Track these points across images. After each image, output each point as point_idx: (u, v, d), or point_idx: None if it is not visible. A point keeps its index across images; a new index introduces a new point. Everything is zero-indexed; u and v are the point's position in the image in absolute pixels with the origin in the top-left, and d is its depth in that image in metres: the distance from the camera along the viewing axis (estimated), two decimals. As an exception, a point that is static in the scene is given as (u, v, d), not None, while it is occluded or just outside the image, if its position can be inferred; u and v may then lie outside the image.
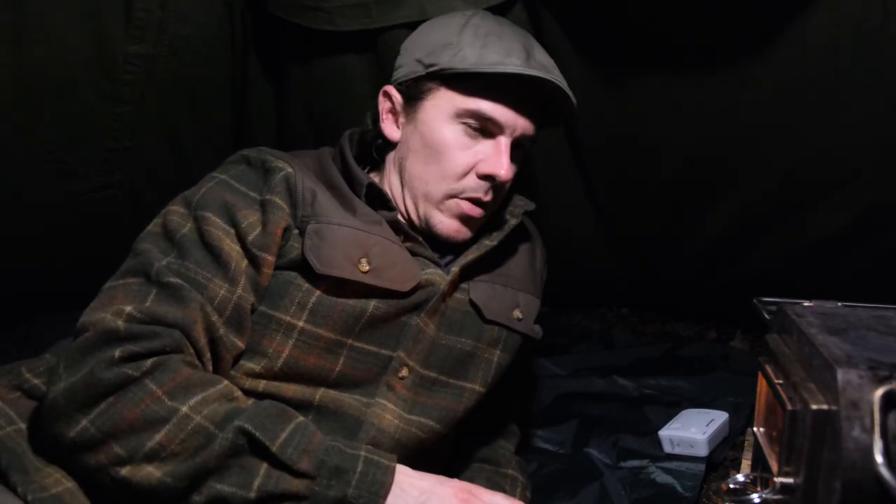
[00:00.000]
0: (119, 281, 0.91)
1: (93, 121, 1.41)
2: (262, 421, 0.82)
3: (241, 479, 0.78)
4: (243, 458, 0.80)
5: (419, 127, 1.06)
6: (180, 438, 0.79)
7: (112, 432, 0.79)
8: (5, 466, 0.83)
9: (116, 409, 0.79)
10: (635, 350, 1.77)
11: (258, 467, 0.79)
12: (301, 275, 0.97)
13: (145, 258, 0.91)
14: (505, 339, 1.12)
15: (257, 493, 0.78)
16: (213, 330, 0.90)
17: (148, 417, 0.79)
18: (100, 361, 0.81)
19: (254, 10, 1.43)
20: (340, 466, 0.81)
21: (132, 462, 0.78)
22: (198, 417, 0.80)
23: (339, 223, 0.99)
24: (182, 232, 0.94)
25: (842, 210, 1.36)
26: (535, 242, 1.26)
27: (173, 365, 0.83)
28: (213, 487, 0.78)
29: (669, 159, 1.45)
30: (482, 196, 1.06)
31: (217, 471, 0.79)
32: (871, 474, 0.57)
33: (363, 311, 0.97)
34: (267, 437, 0.80)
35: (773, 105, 1.28)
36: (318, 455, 0.81)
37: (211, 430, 0.80)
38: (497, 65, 0.99)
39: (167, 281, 0.88)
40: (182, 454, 0.79)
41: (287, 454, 0.80)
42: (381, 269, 0.99)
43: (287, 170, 0.99)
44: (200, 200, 0.97)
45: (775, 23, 1.17)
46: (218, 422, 0.80)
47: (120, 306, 0.86)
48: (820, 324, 0.73)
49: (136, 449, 0.78)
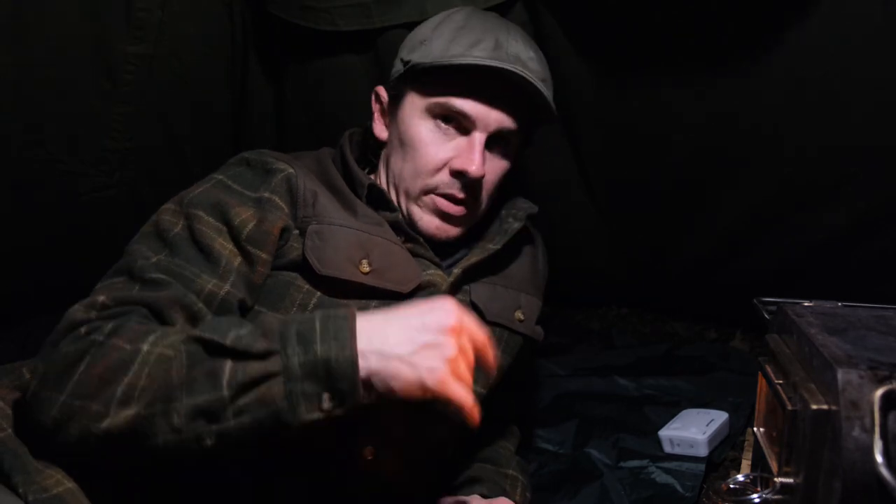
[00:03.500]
0: (105, 281, 0.91)
1: (93, 121, 1.41)
2: (213, 325, 0.80)
3: (210, 384, 0.76)
4: (204, 363, 0.77)
5: (399, 125, 1.07)
6: (146, 373, 0.77)
7: (86, 393, 0.77)
8: (7, 468, 0.83)
9: (87, 372, 0.78)
10: (635, 350, 1.77)
11: (222, 366, 0.76)
12: (301, 276, 0.96)
13: (132, 257, 0.91)
14: (506, 340, 1.12)
15: (229, 390, 0.75)
16: (197, 319, 0.89)
17: (114, 366, 0.78)
18: (67, 342, 0.81)
19: (254, 10, 1.43)
20: (299, 331, 0.77)
21: (109, 413, 0.76)
22: (158, 349, 0.78)
23: (341, 224, 0.99)
24: (174, 231, 0.94)
25: (841, 210, 1.36)
26: (537, 244, 1.25)
27: (133, 322, 0.82)
28: (187, 403, 0.76)
29: (669, 159, 1.45)
30: (456, 192, 1.05)
31: (184, 385, 0.76)
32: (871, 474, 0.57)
33: (365, 309, 0.97)
34: (218, 334, 0.78)
35: (773, 106, 1.28)
36: (275, 331, 0.78)
37: (170, 354, 0.78)
38: (458, 57, 0.99)
39: (150, 277, 0.88)
40: (150, 385, 0.77)
41: (243, 343, 0.77)
42: (382, 271, 0.99)
43: (288, 170, 0.99)
44: (193, 200, 0.96)
45: (775, 23, 1.17)
46: (176, 345, 0.79)
47: (95, 299, 0.86)
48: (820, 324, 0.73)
49: (109, 399, 0.76)
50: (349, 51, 1.41)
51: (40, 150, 1.41)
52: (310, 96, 1.53)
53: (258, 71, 1.53)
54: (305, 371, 0.75)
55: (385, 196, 1.05)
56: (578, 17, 1.29)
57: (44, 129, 1.39)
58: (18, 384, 0.97)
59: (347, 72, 1.44)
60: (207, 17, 1.39)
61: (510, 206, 1.16)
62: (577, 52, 1.33)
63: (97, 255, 1.62)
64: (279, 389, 0.75)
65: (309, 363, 0.75)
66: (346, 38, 1.37)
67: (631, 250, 1.72)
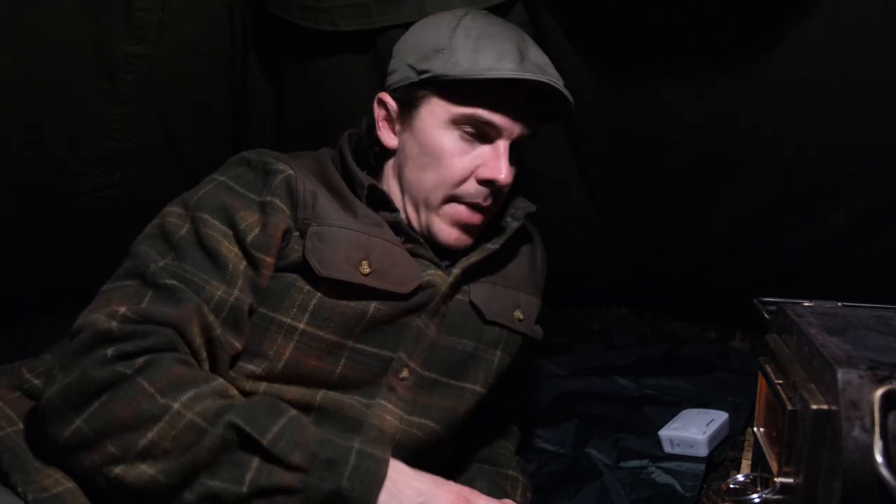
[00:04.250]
0: (115, 283, 0.90)
1: (93, 121, 1.41)
2: (254, 415, 0.80)
3: (233, 475, 0.77)
4: (234, 453, 0.78)
5: (416, 134, 1.05)
6: (172, 435, 0.78)
7: (105, 431, 0.78)
8: (6, 467, 0.83)
9: (109, 407, 0.79)
10: (635, 350, 1.77)
11: (250, 462, 0.78)
12: (302, 277, 0.96)
13: (141, 260, 0.91)
14: (506, 339, 1.12)
15: (249, 488, 0.77)
16: (209, 330, 0.90)
17: (140, 415, 0.78)
18: (93, 361, 0.80)
19: (254, 10, 1.43)
20: (333, 459, 0.79)
21: (125, 461, 0.78)
22: (189, 414, 0.79)
23: (340, 225, 0.99)
24: (180, 234, 0.94)
25: (842, 210, 1.36)
26: (536, 243, 1.25)
27: (166, 362, 0.83)
28: (206, 484, 0.77)
29: (669, 159, 1.45)
30: (481, 201, 1.05)
31: (209, 467, 0.78)
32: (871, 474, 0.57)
33: (364, 312, 0.97)
34: (257, 430, 0.78)
35: (773, 106, 1.28)
36: (311, 448, 0.79)
37: (203, 427, 0.78)
38: (491, 70, 0.98)
39: (163, 283, 0.88)
40: (174, 451, 0.78)
41: (278, 448, 0.78)
42: (382, 272, 0.99)
43: (288, 171, 0.99)
44: (198, 202, 0.96)
45: (775, 23, 1.17)
46: (210, 418, 0.79)
47: (114, 308, 0.85)
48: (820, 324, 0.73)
49: (129, 447, 0.78)
50: (349, 51, 1.41)
51: (40, 150, 1.41)
52: (310, 96, 1.53)
53: (258, 71, 1.53)
54: (325, 499, 0.77)
55: (385, 196, 1.05)
56: (578, 17, 1.29)
57: (44, 129, 1.39)
58: (18, 384, 0.97)
59: (347, 72, 1.44)
60: (207, 17, 1.39)
61: (509, 206, 1.16)
62: (577, 52, 1.33)
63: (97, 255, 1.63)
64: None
65: (331, 493, 0.77)
66: (346, 38, 1.37)
67: (631, 250, 1.72)
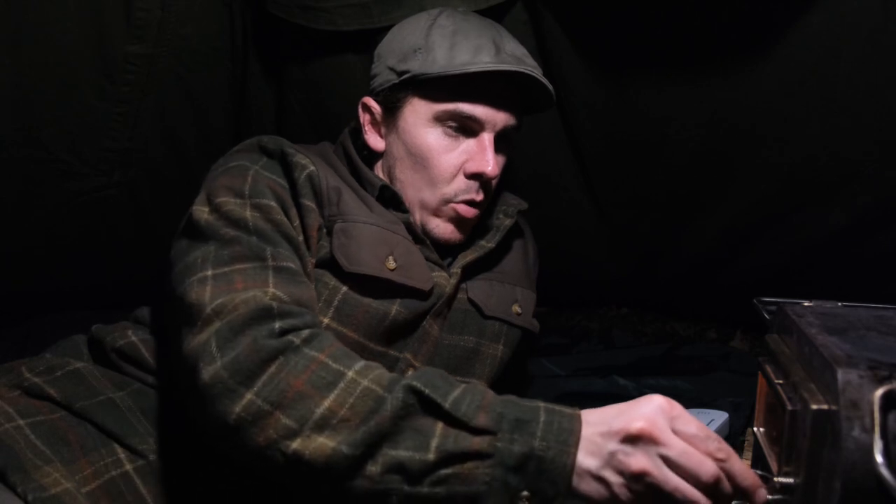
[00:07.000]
0: (227, 268, 0.86)
1: (93, 121, 1.41)
2: (432, 380, 0.75)
3: (417, 442, 0.71)
4: (416, 419, 0.72)
5: (401, 135, 1.06)
6: (350, 403, 0.73)
7: (279, 402, 0.74)
8: (3, 465, 0.83)
9: (281, 377, 0.75)
10: (635, 350, 1.77)
11: (433, 427, 0.72)
12: (329, 272, 0.97)
13: (248, 244, 0.88)
14: (506, 333, 1.14)
15: (436, 455, 0.70)
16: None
17: (315, 382, 0.75)
18: (261, 332, 0.78)
19: (254, 10, 1.43)
20: (521, 418, 0.71)
21: (302, 433, 0.73)
22: (365, 381, 0.75)
23: (364, 221, 0.99)
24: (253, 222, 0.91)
25: (842, 210, 1.36)
26: (527, 238, 1.27)
27: (327, 337, 0.81)
28: (389, 454, 0.71)
29: (669, 159, 1.45)
30: (475, 196, 1.06)
31: (390, 435, 0.72)
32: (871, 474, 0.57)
33: (385, 314, 0.98)
34: (438, 394, 0.73)
35: (773, 105, 1.28)
36: (496, 409, 0.72)
37: (380, 393, 0.74)
38: (468, 64, 0.99)
39: (282, 265, 0.87)
40: (353, 420, 0.72)
41: (462, 410, 0.72)
42: (405, 268, 0.99)
43: (310, 168, 0.99)
44: (253, 190, 0.94)
45: (775, 23, 1.17)
46: (385, 385, 0.75)
47: (262, 288, 0.83)
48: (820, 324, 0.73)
49: (305, 417, 0.73)
50: (349, 51, 1.41)
51: (40, 150, 1.41)
52: (310, 96, 1.53)
53: (258, 71, 1.53)
54: (518, 462, 0.70)
55: (398, 197, 1.06)
56: (578, 17, 1.29)
57: (44, 129, 1.39)
58: (17, 382, 0.97)
59: (347, 72, 1.44)
60: (207, 17, 1.39)
61: (501, 203, 1.18)
62: (577, 52, 1.33)
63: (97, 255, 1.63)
64: (483, 471, 0.70)
65: (523, 456, 0.70)
66: (346, 38, 1.36)
67: (631, 250, 1.72)
